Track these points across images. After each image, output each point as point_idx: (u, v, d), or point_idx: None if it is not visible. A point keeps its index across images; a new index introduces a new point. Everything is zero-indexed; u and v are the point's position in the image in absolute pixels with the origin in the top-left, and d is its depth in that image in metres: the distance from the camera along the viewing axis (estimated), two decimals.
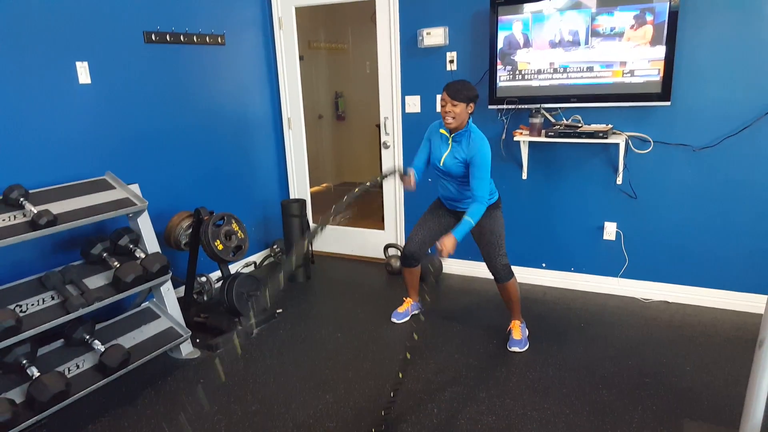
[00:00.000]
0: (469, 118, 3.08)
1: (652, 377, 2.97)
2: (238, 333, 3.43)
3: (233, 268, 4.59)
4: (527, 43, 3.73)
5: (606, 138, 3.58)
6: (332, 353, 3.35)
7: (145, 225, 3.28)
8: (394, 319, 3.73)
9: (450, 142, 3.13)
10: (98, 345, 2.89)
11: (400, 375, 2.72)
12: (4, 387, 2.57)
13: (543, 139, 3.77)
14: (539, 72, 3.75)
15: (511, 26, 3.74)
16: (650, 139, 3.65)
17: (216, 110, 4.34)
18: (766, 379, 1.82)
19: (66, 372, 2.75)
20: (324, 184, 7.34)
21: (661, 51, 3.39)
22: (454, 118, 3.01)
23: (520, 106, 3.89)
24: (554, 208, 4.09)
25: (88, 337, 2.91)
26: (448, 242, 2.96)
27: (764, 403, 1.87)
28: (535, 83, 3.79)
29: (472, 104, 3.03)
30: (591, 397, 2.82)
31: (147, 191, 3.61)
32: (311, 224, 2.98)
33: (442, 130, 3.17)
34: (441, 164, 3.17)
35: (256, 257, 4.96)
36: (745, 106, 3.39)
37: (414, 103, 4.37)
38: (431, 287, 3.05)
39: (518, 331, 3.36)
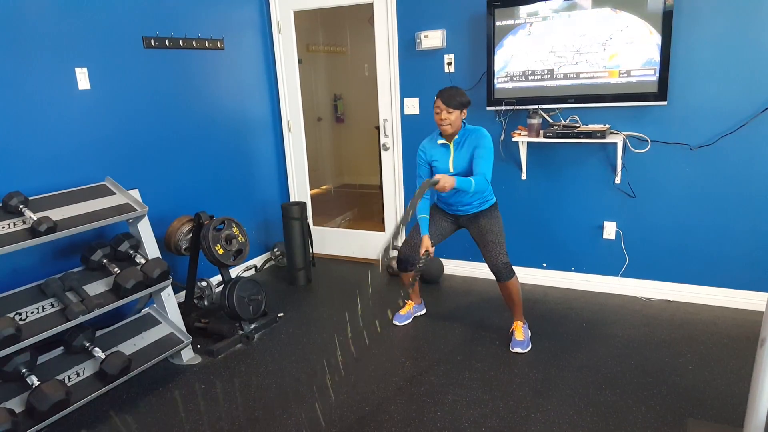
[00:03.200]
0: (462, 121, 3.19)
1: (655, 376, 2.96)
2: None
3: (234, 273, 4.59)
4: (524, 45, 3.73)
5: (604, 138, 3.58)
6: (334, 356, 3.34)
7: (145, 230, 3.28)
8: (395, 322, 3.73)
9: (452, 148, 3.20)
10: (99, 352, 2.88)
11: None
12: (4, 396, 2.56)
13: (541, 139, 3.77)
14: (536, 73, 3.75)
15: (509, 28, 3.74)
16: (648, 139, 3.65)
17: (216, 114, 4.34)
18: None
19: (66, 380, 2.75)
20: (324, 186, 7.35)
21: (656, 51, 3.39)
22: (450, 124, 3.11)
23: (518, 107, 3.89)
24: (554, 208, 4.09)
25: (88, 344, 2.90)
26: (448, 178, 2.89)
27: (767, 400, 1.87)
28: (532, 84, 3.79)
29: (465, 110, 3.13)
30: (594, 397, 2.81)
31: (147, 196, 3.61)
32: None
33: (440, 141, 3.23)
34: (452, 171, 3.21)
35: (257, 261, 4.96)
36: (741, 105, 3.39)
37: (413, 105, 4.38)
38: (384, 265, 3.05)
39: (520, 332, 3.35)
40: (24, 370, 2.61)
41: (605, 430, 2.55)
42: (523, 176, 4.09)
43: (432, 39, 4.10)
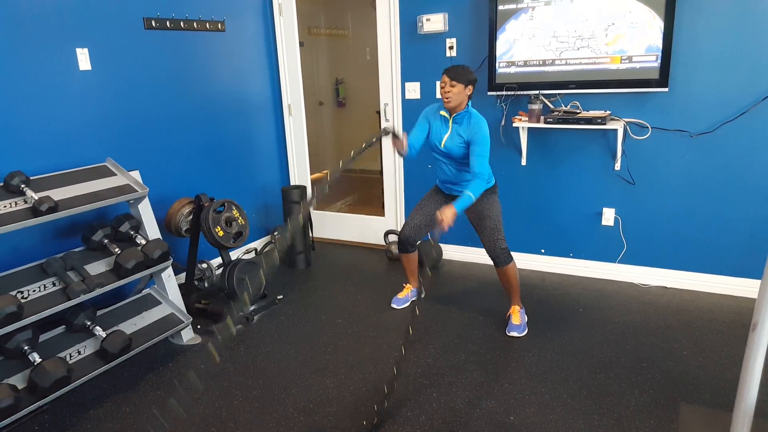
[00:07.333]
0: (468, 101, 3.12)
1: (650, 361, 2.99)
2: (232, 317, 3.43)
3: (234, 255, 4.61)
4: (526, 30, 3.72)
5: (604, 124, 3.58)
6: (333, 339, 3.38)
7: (145, 211, 3.30)
8: (394, 305, 3.75)
9: (450, 123, 3.16)
10: (99, 331, 2.91)
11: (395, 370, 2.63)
12: (6, 373, 2.60)
13: (542, 125, 3.77)
14: (538, 58, 3.74)
15: (511, 12, 3.73)
16: (648, 125, 3.65)
17: (217, 97, 4.34)
18: (759, 361, 1.84)
19: (68, 358, 2.78)
20: (324, 171, 7.34)
21: (659, 37, 3.38)
22: (453, 98, 3.06)
23: (519, 93, 3.89)
24: (553, 194, 4.10)
25: (89, 323, 2.93)
26: (448, 212, 2.90)
27: (758, 385, 1.89)
28: (534, 69, 3.78)
29: (470, 87, 3.08)
30: (589, 381, 2.84)
31: (147, 177, 3.62)
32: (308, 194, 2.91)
33: (442, 112, 3.20)
34: (442, 146, 3.19)
35: (257, 244, 4.98)
36: (743, 92, 3.38)
37: (414, 90, 4.37)
38: (426, 277, 3.07)
39: (517, 316, 3.38)
40: (26, 348, 2.64)
41: (599, 413, 2.59)
42: (523, 162, 4.10)
43: (434, 23, 4.09)
